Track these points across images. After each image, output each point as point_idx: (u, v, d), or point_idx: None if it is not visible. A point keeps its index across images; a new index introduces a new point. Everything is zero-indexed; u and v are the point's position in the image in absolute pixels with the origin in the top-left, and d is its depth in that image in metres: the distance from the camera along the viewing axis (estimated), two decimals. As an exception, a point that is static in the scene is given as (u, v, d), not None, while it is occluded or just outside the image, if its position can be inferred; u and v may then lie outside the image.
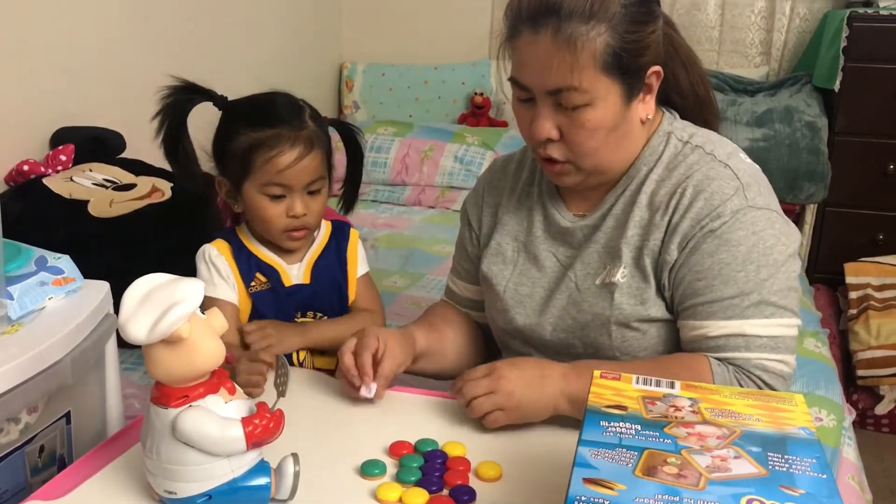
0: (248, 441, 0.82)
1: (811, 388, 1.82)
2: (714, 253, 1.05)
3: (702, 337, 1.06)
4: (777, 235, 1.06)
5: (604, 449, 0.72)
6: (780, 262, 1.05)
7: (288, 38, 3.20)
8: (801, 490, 0.67)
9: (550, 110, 1.06)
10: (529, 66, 1.05)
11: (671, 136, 1.13)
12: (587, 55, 1.01)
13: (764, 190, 1.09)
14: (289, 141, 1.16)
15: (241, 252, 1.25)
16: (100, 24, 2.20)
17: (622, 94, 1.06)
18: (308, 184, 1.19)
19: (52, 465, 1.20)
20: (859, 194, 2.79)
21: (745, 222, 1.05)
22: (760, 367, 1.03)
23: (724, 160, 1.09)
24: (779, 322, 1.05)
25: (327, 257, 1.29)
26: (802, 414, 0.80)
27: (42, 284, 1.19)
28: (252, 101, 1.22)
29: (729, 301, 1.04)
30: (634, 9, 1.03)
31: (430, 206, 3.04)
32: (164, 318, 0.78)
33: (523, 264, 1.22)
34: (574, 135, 1.06)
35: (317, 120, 1.21)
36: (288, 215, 1.19)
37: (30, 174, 1.88)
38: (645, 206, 1.11)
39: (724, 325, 1.04)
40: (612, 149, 1.09)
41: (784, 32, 3.09)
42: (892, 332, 2.41)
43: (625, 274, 1.11)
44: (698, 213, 1.06)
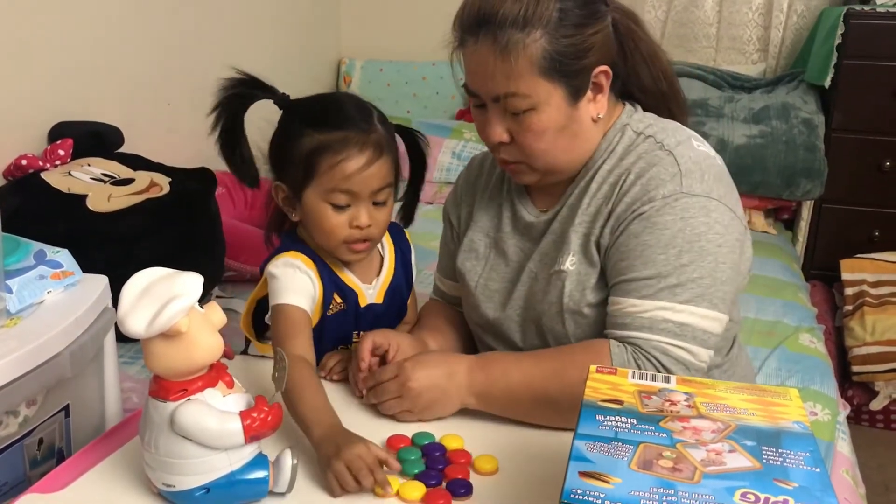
0: (247, 434, 0.83)
1: (806, 383, 1.83)
2: (639, 234, 1.04)
3: (616, 312, 1.05)
4: (710, 224, 1.04)
5: (600, 443, 0.73)
6: (708, 250, 1.03)
7: (286, 33, 3.20)
8: (795, 483, 0.68)
9: (499, 115, 1.08)
10: (475, 73, 1.07)
11: (627, 128, 1.13)
12: (524, 62, 1.02)
13: (709, 178, 1.06)
14: (357, 145, 1.06)
15: (324, 270, 1.14)
16: (98, 20, 2.20)
17: (566, 97, 1.06)
18: (375, 192, 1.09)
19: (51, 458, 1.20)
20: (855, 191, 2.80)
21: (675, 207, 1.04)
22: (660, 349, 1.01)
23: (671, 148, 1.08)
24: (692, 310, 1.02)
25: (398, 275, 1.23)
26: (797, 408, 0.81)
27: (41, 278, 1.20)
28: (317, 101, 1.14)
29: (645, 281, 1.03)
30: (572, 13, 1.03)
31: (427, 201, 3.03)
32: (162, 312, 0.79)
33: (493, 259, 1.23)
34: (522, 138, 1.07)
35: (385, 124, 1.12)
36: (351, 226, 1.09)
37: (28, 169, 1.88)
38: (593, 195, 1.12)
39: (635, 304, 1.03)
40: (563, 149, 1.10)
41: (781, 29, 3.09)
42: (888, 328, 2.42)
43: (573, 261, 1.11)
44: (633, 197, 1.06)
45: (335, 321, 1.17)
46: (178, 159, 2.11)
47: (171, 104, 2.46)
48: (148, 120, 2.37)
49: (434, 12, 3.41)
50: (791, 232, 2.92)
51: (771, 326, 2.10)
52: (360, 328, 1.19)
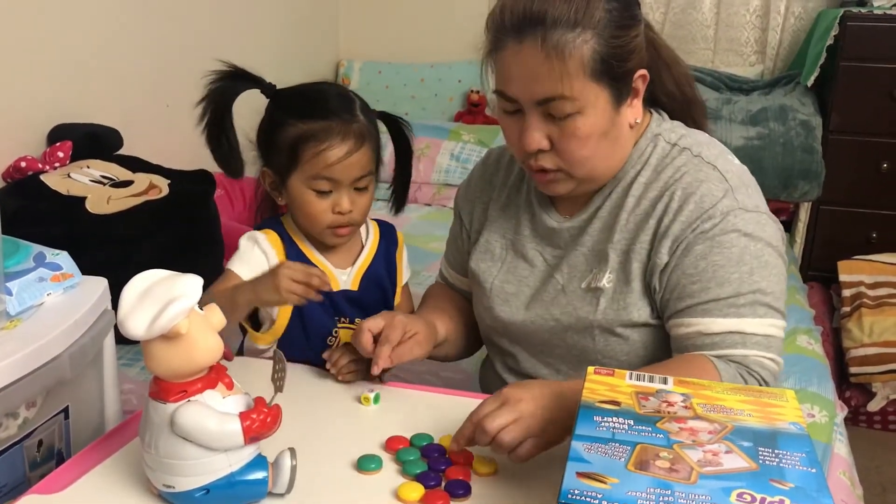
0: (246, 435, 0.83)
1: (804, 384, 1.83)
2: (707, 255, 1.05)
3: (697, 334, 1.06)
4: (767, 238, 1.07)
5: (597, 443, 0.73)
6: (771, 263, 1.06)
7: (285, 35, 3.20)
8: (791, 484, 0.68)
9: (540, 120, 1.05)
10: (516, 77, 1.04)
11: (659, 139, 1.13)
12: (575, 62, 1.01)
13: (752, 191, 1.10)
14: (339, 134, 1.11)
15: (291, 248, 1.20)
16: (97, 21, 2.20)
17: (611, 100, 1.05)
18: (356, 179, 1.14)
19: (51, 460, 1.20)
20: (853, 193, 2.81)
21: (735, 224, 1.05)
22: (758, 363, 1.04)
23: (713, 162, 1.09)
24: (771, 322, 1.06)
25: (377, 265, 1.25)
26: (793, 409, 0.81)
27: (41, 280, 1.20)
28: (302, 91, 1.18)
29: (725, 300, 1.05)
30: (618, 13, 1.03)
31: (426, 203, 3.04)
32: (162, 314, 0.79)
33: (511, 262, 1.22)
34: (566, 144, 1.05)
35: (368, 113, 1.16)
36: (334, 211, 1.15)
37: (27, 171, 1.89)
38: (632, 209, 1.11)
39: (722, 323, 1.05)
40: (604, 155, 1.09)
41: (779, 31, 3.10)
42: (885, 329, 2.43)
43: (611, 279, 1.11)
44: (689, 215, 1.06)
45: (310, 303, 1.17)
46: (177, 161, 2.11)
47: (169, 106, 2.46)
48: (147, 122, 2.37)
49: (433, 14, 3.45)
50: (789, 233, 2.93)
51: (769, 328, 2.10)
52: (340, 314, 1.22)
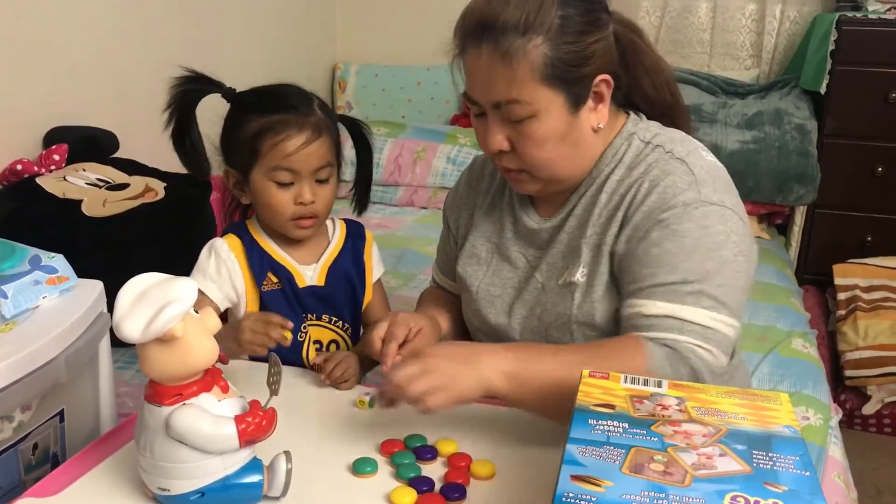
0: (241, 439, 0.83)
1: (799, 387, 1.84)
2: (661, 242, 1.05)
3: (638, 315, 1.05)
4: (727, 232, 1.05)
5: (592, 446, 0.74)
6: (728, 259, 1.04)
7: (282, 38, 3.20)
8: (785, 487, 0.68)
9: (499, 123, 1.08)
10: (475, 81, 1.08)
11: (634, 137, 1.14)
12: (525, 68, 1.02)
13: (720, 187, 1.08)
14: (296, 126, 1.15)
15: (252, 249, 1.23)
16: (93, 24, 2.20)
17: (567, 104, 1.06)
18: (316, 170, 1.17)
19: (46, 463, 1.20)
20: (848, 196, 2.81)
21: (695, 215, 1.05)
22: (691, 351, 1.02)
23: (682, 157, 1.09)
24: (715, 316, 1.03)
25: (343, 259, 1.27)
26: (787, 413, 0.81)
27: (36, 283, 1.20)
28: (260, 91, 1.22)
29: (670, 286, 1.03)
30: (575, 19, 1.04)
31: (422, 206, 3.05)
32: (158, 317, 0.79)
33: (496, 265, 1.24)
34: (523, 146, 1.08)
35: (325, 110, 1.20)
36: (296, 202, 1.18)
37: (23, 174, 1.89)
38: (604, 205, 1.12)
39: (662, 307, 1.03)
40: (565, 158, 1.10)
41: (774, 35, 3.11)
42: (880, 332, 2.43)
43: (584, 273, 1.12)
44: (651, 205, 1.07)
45: (273, 299, 1.23)
46: (174, 164, 2.10)
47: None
48: (143, 125, 2.36)
49: (430, 18, 3.44)
50: (784, 237, 2.94)
51: (764, 331, 2.11)
52: (307, 310, 1.25)
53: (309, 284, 1.24)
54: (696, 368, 1.01)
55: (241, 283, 1.23)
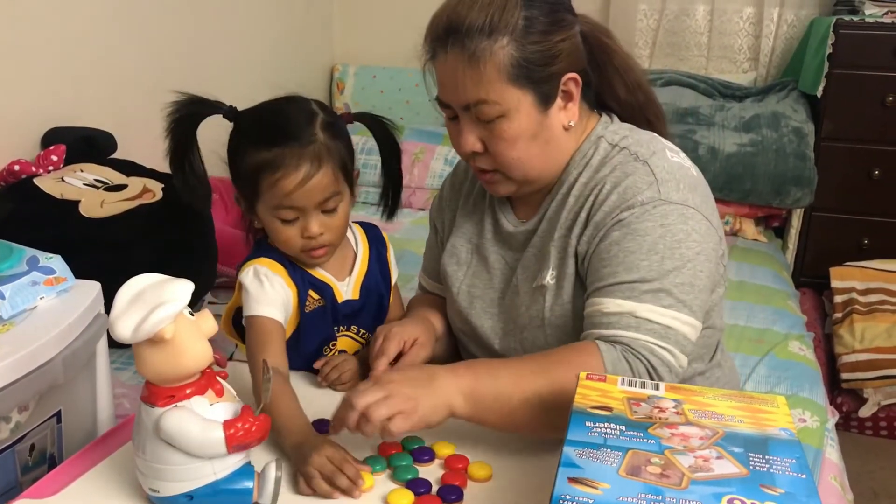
0: (229, 444, 0.83)
1: (795, 390, 1.84)
2: (620, 241, 1.05)
3: (597, 313, 1.05)
4: (688, 231, 1.05)
5: (589, 449, 0.74)
6: (688, 257, 1.04)
7: (280, 39, 3.21)
8: (781, 490, 0.69)
9: (471, 125, 1.09)
10: (445, 84, 1.09)
11: (602, 140, 1.15)
12: (492, 68, 1.04)
13: (683, 186, 1.08)
14: (294, 160, 1.06)
15: (294, 271, 1.17)
16: (92, 25, 2.20)
17: (536, 103, 1.07)
18: (320, 203, 1.10)
19: (43, 464, 1.20)
20: (845, 199, 2.82)
21: (654, 214, 1.05)
22: (648, 349, 1.01)
23: (645, 158, 1.10)
24: (674, 315, 1.03)
25: (373, 271, 1.24)
26: (784, 415, 0.82)
27: (34, 284, 1.20)
28: (259, 114, 1.13)
29: (629, 284, 1.03)
30: (538, 20, 1.05)
31: (420, 208, 3.05)
32: (148, 318, 0.79)
33: (476, 266, 1.25)
34: (495, 146, 1.09)
35: (330, 128, 1.11)
36: (303, 236, 1.11)
37: (21, 174, 1.88)
38: (570, 208, 1.13)
39: (619, 304, 1.03)
40: (536, 158, 1.11)
41: (772, 38, 3.11)
42: (876, 335, 2.44)
43: (553, 275, 1.13)
44: (611, 205, 1.07)
45: (315, 318, 1.19)
46: (171, 165, 2.11)
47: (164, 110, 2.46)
48: (141, 126, 2.36)
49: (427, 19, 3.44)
50: (781, 240, 2.94)
51: (760, 334, 2.11)
52: (340, 324, 1.22)
53: (346, 299, 1.21)
54: (653, 366, 1.01)
55: (291, 303, 1.16)
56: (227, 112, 1.14)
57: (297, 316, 1.18)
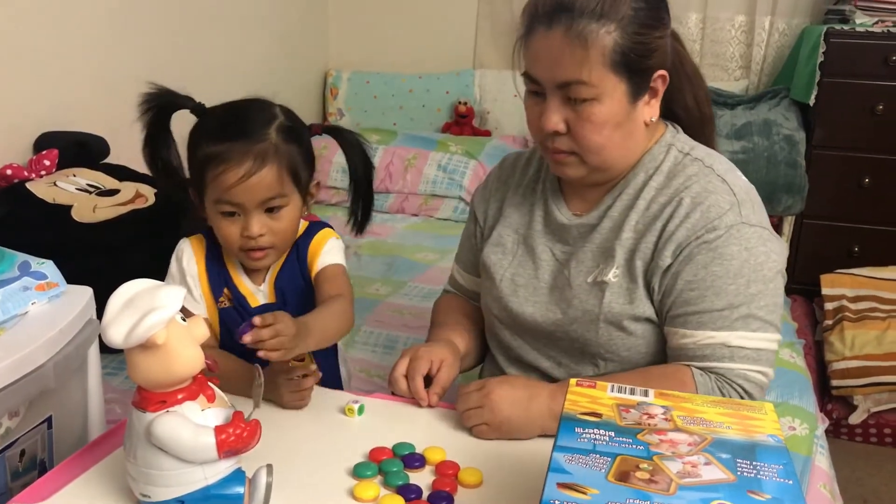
0: (220, 449, 0.83)
1: (785, 397, 1.85)
2: (708, 265, 1.09)
3: (689, 345, 1.10)
4: (767, 253, 1.10)
5: (578, 454, 0.74)
6: (769, 278, 1.09)
7: (274, 44, 3.21)
8: (768, 495, 0.69)
9: (559, 104, 1.10)
10: (542, 60, 1.10)
11: (672, 148, 1.18)
12: (596, 51, 1.06)
13: (757, 208, 1.13)
14: (237, 156, 1.07)
15: (213, 261, 1.18)
16: (85, 30, 2.21)
17: (628, 93, 1.10)
18: (262, 202, 1.09)
19: (33, 470, 1.20)
20: (835, 207, 2.83)
21: (738, 238, 1.09)
22: (742, 376, 1.07)
23: (722, 175, 1.13)
24: (763, 336, 1.09)
25: (288, 269, 1.19)
26: (772, 422, 0.82)
27: (25, 289, 1.20)
28: (220, 112, 1.14)
29: (719, 313, 1.08)
30: (644, 12, 1.09)
31: (413, 213, 3.05)
32: (140, 324, 0.79)
33: (521, 255, 1.26)
34: (580, 128, 1.10)
35: (286, 132, 1.11)
36: (243, 235, 1.11)
37: (13, 178, 1.88)
38: (642, 211, 1.15)
39: (712, 336, 1.08)
40: (617, 146, 1.13)
41: (763, 47, 3.13)
42: (866, 343, 2.45)
43: (617, 274, 1.15)
44: (695, 224, 1.10)
45: (230, 316, 1.18)
46: (164, 170, 2.11)
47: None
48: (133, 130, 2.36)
49: (422, 26, 3.47)
50: (772, 247, 2.95)
51: (752, 340, 2.12)
52: None
53: (261, 303, 1.18)
54: (747, 392, 1.07)
55: (200, 292, 1.18)
56: (195, 107, 1.15)
57: (216, 310, 1.19)
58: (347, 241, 1.26)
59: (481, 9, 3.40)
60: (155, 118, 1.15)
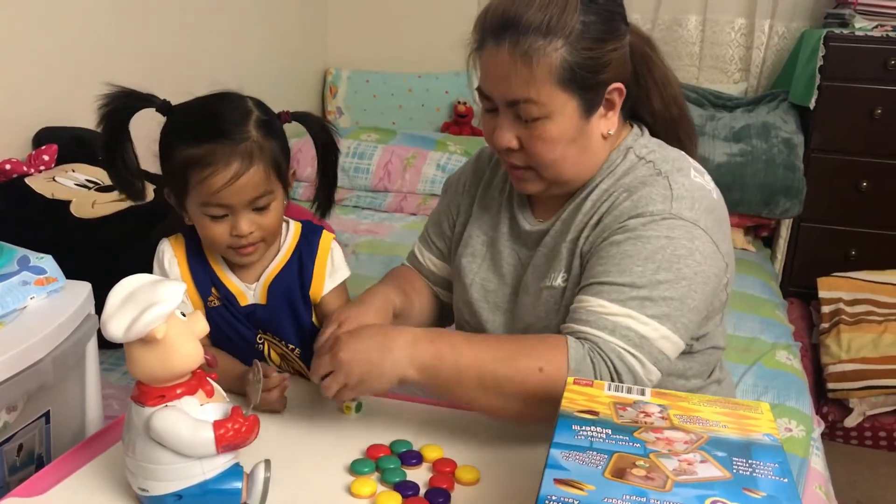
0: (219, 444, 0.83)
1: (782, 399, 1.85)
2: (621, 243, 1.05)
3: (579, 309, 1.04)
4: (692, 250, 1.04)
5: (575, 451, 0.75)
6: (684, 274, 1.03)
7: (273, 43, 3.21)
8: (764, 493, 0.69)
9: (511, 121, 1.09)
10: (491, 77, 1.08)
11: (630, 151, 1.15)
12: (543, 69, 1.03)
13: (700, 207, 1.07)
14: (223, 158, 1.04)
15: (197, 260, 1.16)
16: (84, 26, 2.21)
17: (580, 109, 1.07)
18: (251, 201, 1.07)
19: (31, 465, 1.20)
20: (833, 210, 2.84)
21: (661, 225, 1.04)
22: (616, 353, 1.00)
23: (667, 174, 1.10)
24: (656, 326, 1.01)
25: (286, 276, 1.17)
26: (768, 421, 0.82)
27: (24, 284, 1.20)
28: (193, 110, 1.10)
29: (618, 286, 1.03)
30: (595, 26, 1.05)
31: (411, 213, 3.05)
32: (140, 318, 0.80)
33: (490, 260, 1.25)
34: (532, 146, 1.09)
35: (265, 126, 1.08)
36: (232, 234, 1.09)
37: (12, 173, 1.88)
38: (587, 212, 1.13)
39: (602, 305, 1.02)
40: (572, 161, 1.11)
41: (763, 50, 3.14)
42: (862, 346, 2.46)
43: (564, 278, 1.13)
44: (622, 211, 1.08)
45: (219, 316, 1.16)
46: (163, 167, 2.11)
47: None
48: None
49: (421, 25, 3.47)
50: (770, 249, 2.96)
51: (748, 343, 2.13)
52: (252, 328, 1.18)
53: (251, 303, 1.16)
54: (617, 371, 0.99)
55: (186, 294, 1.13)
56: (161, 106, 1.10)
57: (203, 309, 1.15)
58: (346, 240, 1.26)
59: (481, 9, 3.40)
60: (116, 119, 1.10)
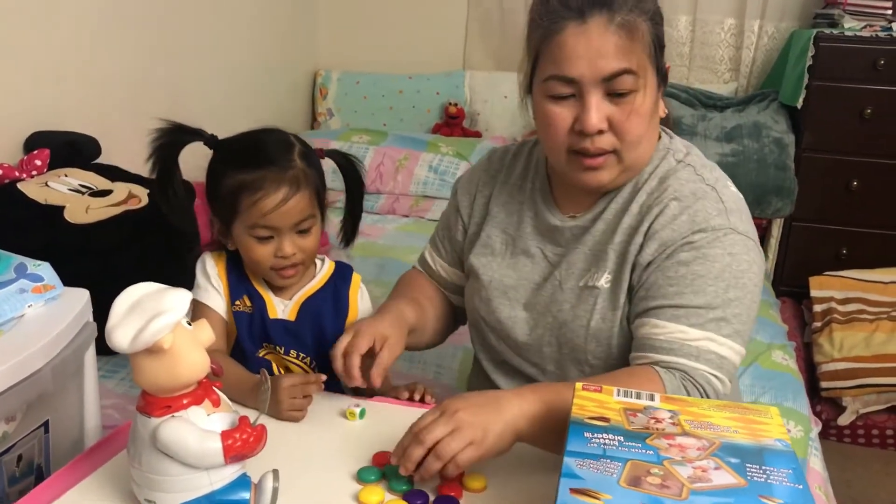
0: (227, 455, 0.82)
1: (779, 400, 1.86)
2: (690, 263, 1.08)
3: (658, 335, 1.06)
4: (750, 263, 1.09)
5: (589, 459, 0.74)
6: (748, 288, 1.08)
7: (263, 44, 3.20)
8: (779, 500, 0.69)
9: (600, 101, 1.07)
10: (579, 56, 1.05)
11: (669, 153, 1.17)
12: (639, 39, 1.06)
13: (745, 218, 1.13)
14: (273, 182, 1.13)
15: (234, 269, 1.22)
16: (75, 30, 2.19)
17: (657, 85, 1.11)
18: (296, 224, 1.15)
19: (30, 475, 1.19)
20: (824, 210, 2.86)
21: (724, 242, 1.08)
22: (704, 378, 1.05)
23: (712, 184, 1.13)
24: (731, 345, 1.07)
25: (321, 299, 1.24)
26: (777, 426, 0.83)
27: (22, 292, 1.19)
28: (240, 141, 1.19)
29: (695, 310, 1.06)
30: (658, 8, 1.11)
31: (404, 214, 3.04)
32: (146, 328, 0.79)
33: (511, 257, 1.25)
34: (624, 122, 1.08)
35: (307, 157, 1.17)
36: (276, 256, 1.16)
37: (4, 179, 1.86)
38: (634, 215, 1.14)
39: (684, 331, 1.05)
40: (648, 139, 1.13)
41: (753, 50, 3.16)
42: (855, 345, 2.47)
43: (608, 279, 1.14)
44: (681, 226, 1.09)
45: (239, 321, 1.21)
46: (156, 171, 2.09)
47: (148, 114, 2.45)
48: (125, 131, 2.35)
49: (412, 26, 3.46)
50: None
51: (744, 342, 2.13)
52: (271, 341, 1.21)
53: (280, 317, 1.21)
54: (708, 394, 1.05)
55: (222, 300, 1.21)
56: (209, 140, 1.19)
57: (230, 313, 1.21)
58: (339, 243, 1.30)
59: (471, 10, 3.40)
60: (166, 153, 1.16)
